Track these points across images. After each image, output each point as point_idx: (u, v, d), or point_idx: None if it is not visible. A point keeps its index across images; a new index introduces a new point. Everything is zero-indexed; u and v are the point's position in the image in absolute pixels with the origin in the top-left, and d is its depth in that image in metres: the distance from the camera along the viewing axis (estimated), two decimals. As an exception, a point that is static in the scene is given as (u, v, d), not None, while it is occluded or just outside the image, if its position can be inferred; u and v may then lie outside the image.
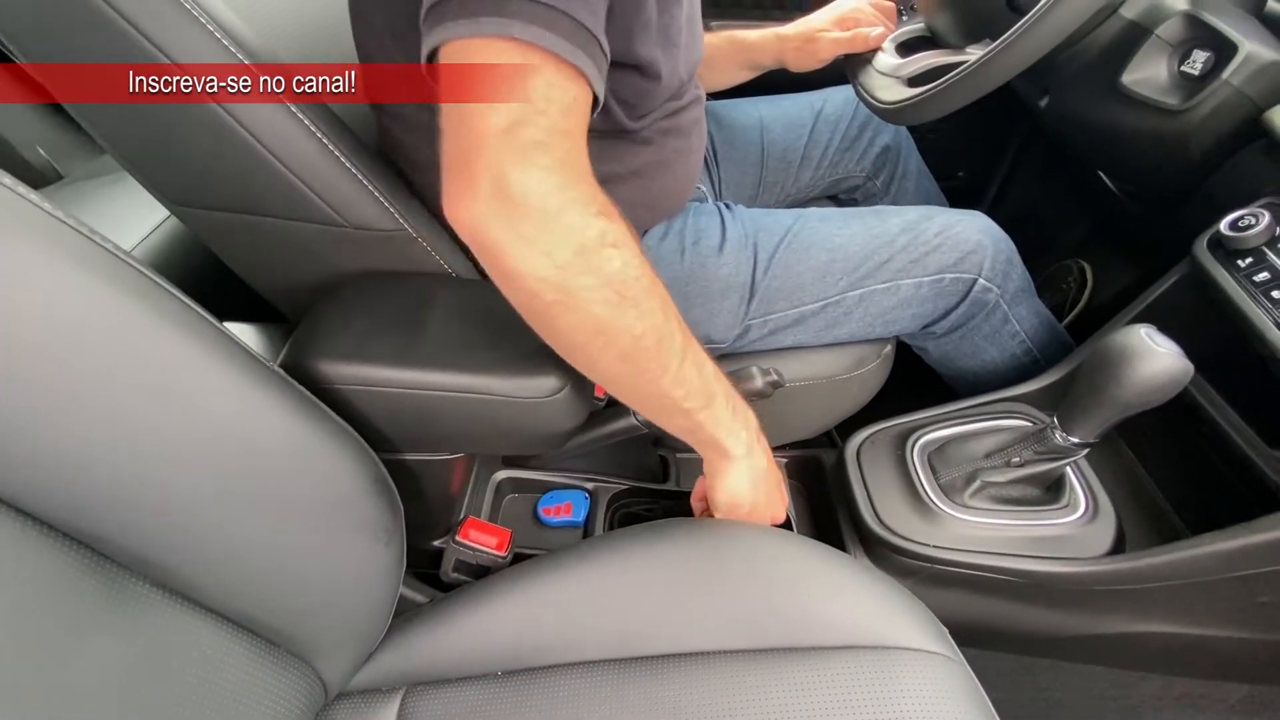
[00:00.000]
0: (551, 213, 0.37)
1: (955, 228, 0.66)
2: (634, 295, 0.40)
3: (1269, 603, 0.58)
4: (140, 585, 0.37)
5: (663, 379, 0.45)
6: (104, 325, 0.33)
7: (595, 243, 0.38)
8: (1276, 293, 0.53)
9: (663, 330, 0.43)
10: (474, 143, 0.37)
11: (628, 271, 0.40)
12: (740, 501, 0.54)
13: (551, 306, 0.40)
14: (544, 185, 0.36)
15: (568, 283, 0.38)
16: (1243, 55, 0.58)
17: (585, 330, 0.41)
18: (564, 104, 0.37)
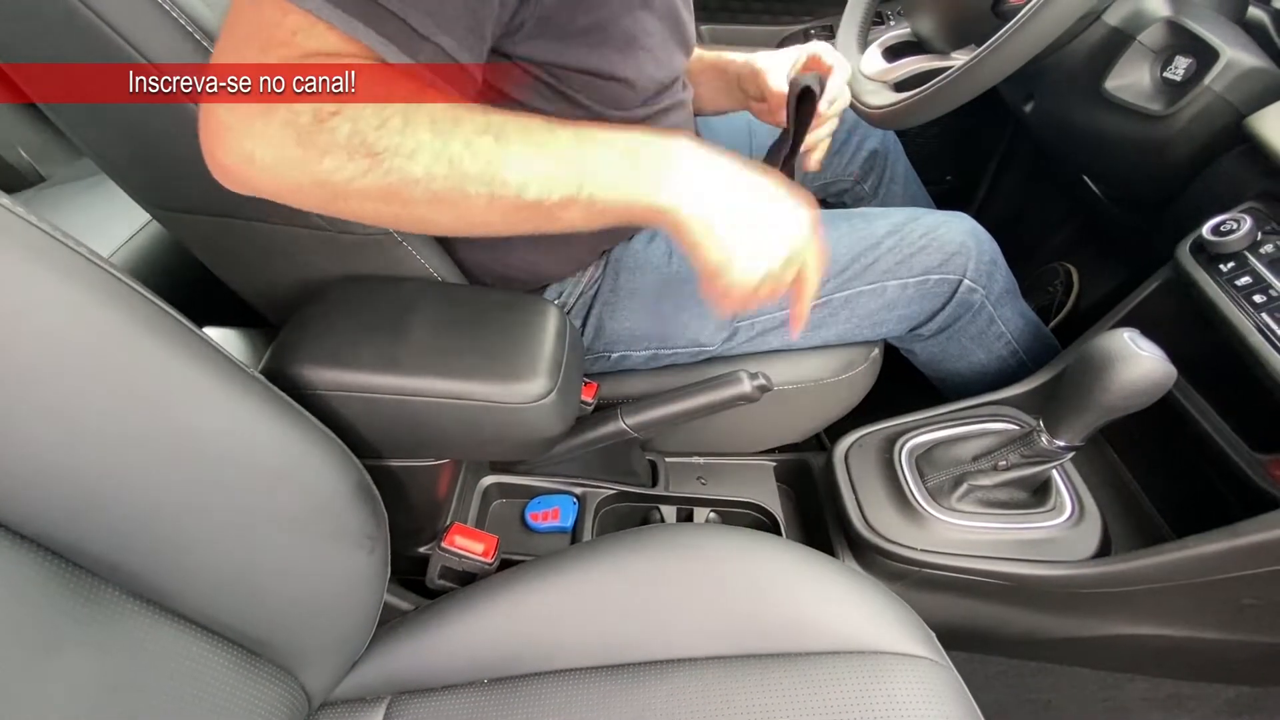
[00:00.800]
0: (255, 119, 0.36)
1: (940, 229, 0.66)
2: (386, 145, 0.37)
3: (1253, 605, 0.59)
4: (116, 595, 0.36)
5: (499, 191, 0.39)
6: (80, 333, 0.33)
7: (311, 122, 0.36)
8: (1258, 297, 0.53)
9: (449, 152, 0.38)
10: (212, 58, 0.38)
11: (365, 126, 0.37)
12: (730, 258, 0.42)
13: (325, 203, 0.39)
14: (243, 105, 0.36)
15: (317, 174, 0.37)
16: (1224, 61, 0.58)
17: (373, 201, 0.39)
18: (294, 26, 0.36)
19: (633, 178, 0.41)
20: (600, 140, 0.41)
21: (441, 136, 0.38)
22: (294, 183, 0.38)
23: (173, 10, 0.43)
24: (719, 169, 0.43)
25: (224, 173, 0.39)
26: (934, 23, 0.68)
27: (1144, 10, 0.62)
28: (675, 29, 0.54)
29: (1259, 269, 0.54)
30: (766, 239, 0.43)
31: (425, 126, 0.38)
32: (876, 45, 0.77)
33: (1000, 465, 0.62)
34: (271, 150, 0.37)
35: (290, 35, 0.36)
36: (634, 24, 0.49)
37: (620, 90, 0.52)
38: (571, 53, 0.48)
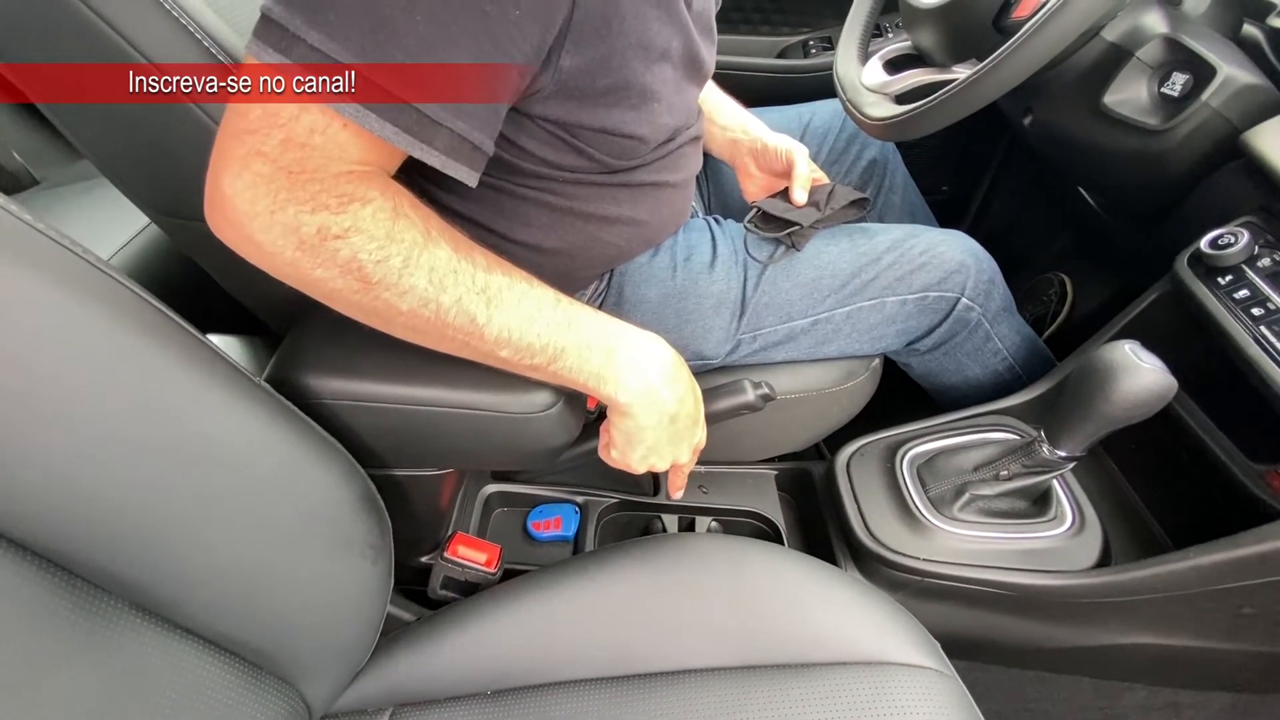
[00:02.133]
0: (260, 215, 0.37)
1: (939, 247, 0.67)
2: (381, 278, 0.39)
3: (1252, 614, 0.59)
4: (117, 606, 0.36)
5: (474, 344, 0.43)
6: (81, 339, 0.32)
7: (315, 238, 0.37)
8: (1256, 310, 0.54)
9: (438, 302, 0.40)
10: (219, 138, 0.38)
11: (365, 257, 0.38)
12: (636, 450, 0.51)
13: (316, 297, 0.41)
14: (254, 191, 0.37)
15: (304, 276, 0.39)
16: (1221, 78, 0.59)
17: (356, 312, 0.42)
18: (312, 125, 0.37)
19: (600, 370, 0.46)
20: (583, 327, 0.46)
21: (435, 287, 0.40)
22: (282, 272, 0.39)
23: (173, 9, 0.43)
24: (673, 384, 0.49)
25: (218, 229, 0.40)
26: (935, 36, 0.69)
27: (1142, 27, 0.63)
28: (691, 69, 0.54)
29: (1256, 282, 0.55)
30: (668, 448, 0.51)
31: (423, 274, 0.40)
32: (878, 57, 0.78)
33: (1002, 475, 0.62)
34: (271, 241, 0.38)
35: (309, 134, 0.37)
36: (652, 79, 0.49)
37: (633, 145, 0.53)
38: (587, 112, 0.48)
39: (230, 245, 0.40)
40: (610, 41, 0.44)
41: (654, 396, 0.48)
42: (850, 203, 0.68)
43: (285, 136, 0.37)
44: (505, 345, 0.43)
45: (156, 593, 0.37)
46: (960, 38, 0.67)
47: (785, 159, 0.71)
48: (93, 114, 0.50)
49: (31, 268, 0.31)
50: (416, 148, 0.39)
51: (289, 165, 0.37)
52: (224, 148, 0.37)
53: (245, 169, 0.37)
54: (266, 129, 0.37)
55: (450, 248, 0.41)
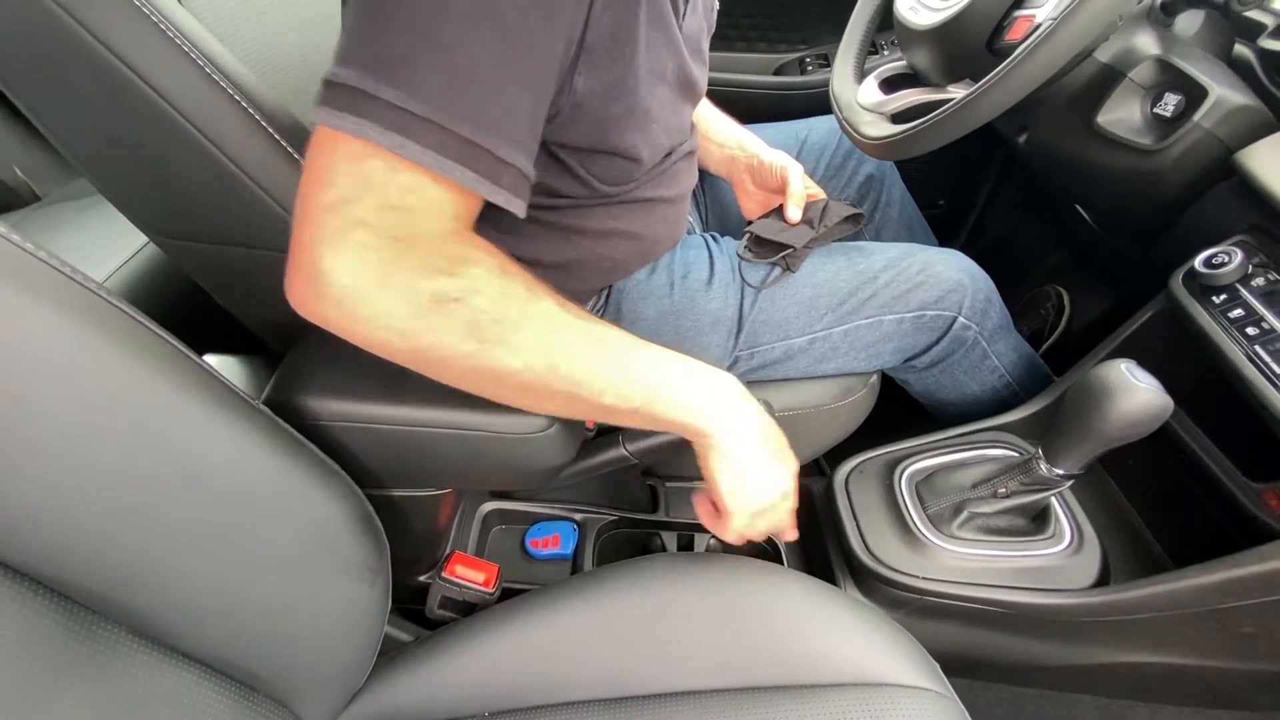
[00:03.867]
0: (370, 288, 0.36)
1: (936, 266, 0.67)
2: (499, 337, 0.39)
3: (1252, 633, 0.59)
4: (113, 631, 0.36)
5: (581, 394, 0.42)
6: (76, 364, 0.32)
7: (431, 303, 0.37)
8: (1250, 329, 0.54)
9: (551, 356, 0.41)
10: (301, 219, 0.37)
11: (482, 318, 0.38)
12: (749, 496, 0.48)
13: (420, 366, 0.40)
14: (360, 263, 0.36)
15: (416, 346, 0.38)
16: (1213, 99, 0.60)
17: (466, 378, 0.41)
18: (405, 184, 0.37)
19: (692, 402, 0.46)
20: (664, 363, 0.46)
21: (545, 341, 0.41)
22: (388, 345, 0.38)
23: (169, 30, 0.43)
24: (749, 400, 0.49)
25: (314, 309, 0.38)
26: (930, 57, 0.70)
27: (1134, 48, 0.64)
28: (685, 90, 0.55)
29: (1250, 301, 0.56)
30: (770, 473, 0.49)
31: (533, 328, 0.40)
32: (874, 76, 0.79)
33: (1000, 492, 0.62)
34: (383, 313, 0.37)
35: (403, 195, 0.36)
36: (653, 100, 0.50)
37: (631, 167, 0.53)
38: (597, 136, 0.49)
39: (329, 324, 0.38)
40: (622, 64, 0.45)
41: (742, 413, 0.48)
42: (845, 219, 0.68)
43: (381, 201, 0.36)
44: (608, 392, 0.43)
45: (152, 617, 0.37)
46: (954, 59, 0.68)
47: (780, 176, 0.72)
48: (90, 135, 0.50)
49: (25, 292, 0.31)
50: (490, 190, 0.39)
51: (391, 231, 0.36)
52: (315, 223, 0.36)
53: (346, 242, 0.36)
54: (359, 196, 0.36)
55: (552, 300, 0.42)
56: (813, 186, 0.74)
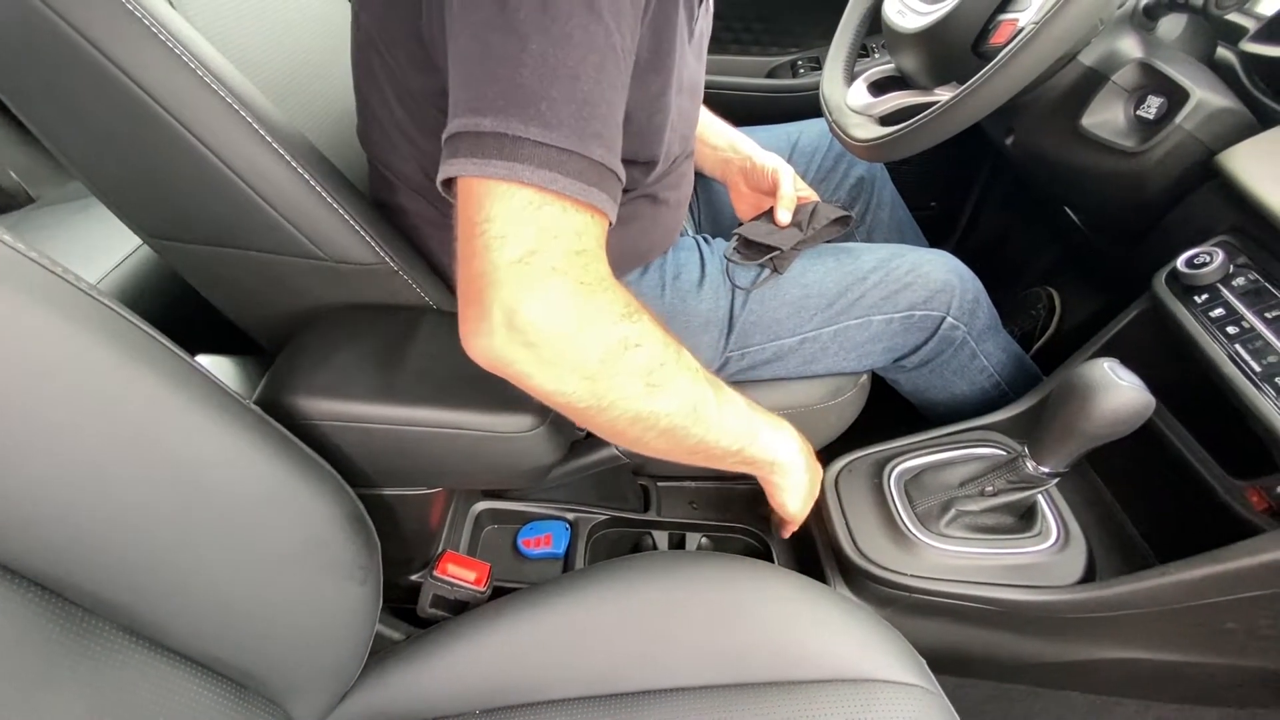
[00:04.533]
0: (571, 334, 0.37)
1: (924, 267, 0.68)
2: (662, 380, 0.41)
3: (1235, 629, 0.60)
4: (105, 629, 0.36)
5: (707, 437, 0.46)
6: (69, 365, 0.33)
7: (619, 347, 0.39)
8: (1231, 328, 0.55)
9: (696, 398, 0.44)
10: (487, 275, 0.36)
11: (653, 362, 0.41)
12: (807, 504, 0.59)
13: (586, 411, 0.41)
14: (560, 310, 0.37)
15: (598, 389, 0.39)
16: (1194, 102, 0.61)
17: (624, 422, 0.42)
18: (577, 228, 0.37)
19: (773, 441, 0.53)
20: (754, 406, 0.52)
21: (691, 386, 0.44)
22: (570, 392, 0.39)
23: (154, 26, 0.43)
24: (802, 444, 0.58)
25: (514, 364, 0.38)
26: (917, 60, 0.71)
27: (1117, 52, 0.65)
28: (693, 94, 0.56)
29: (1231, 301, 0.56)
30: (813, 489, 0.60)
31: (685, 374, 0.44)
32: (862, 79, 0.79)
33: (987, 490, 0.63)
34: (579, 362, 0.38)
35: (579, 237, 0.37)
36: (673, 107, 0.51)
37: (640, 169, 0.54)
38: (633, 145, 0.49)
39: (517, 372, 0.39)
40: (655, 74, 0.46)
41: (799, 449, 0.56)
42: (833, 220, 0.69)
43: (567, 247, 0.37)
44: (725, 437, 0.47)
45: (144, 616, 0.37)
46: (941, 62, 0.68)
47: (772, 178, 0.72)
48: (83, 138, 0.51)
49: (18, 294, 0.31)
50: (614, 210, 0.40)
51: (579, 276, 0.37)
52: (506, 280, 0.36)
53: (545, 291, 0.36)
54: (546, 244, 0.36)
55: (683, 348, 0.44)
56: (804, 189, 0.75)
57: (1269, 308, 0.55)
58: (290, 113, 0.51)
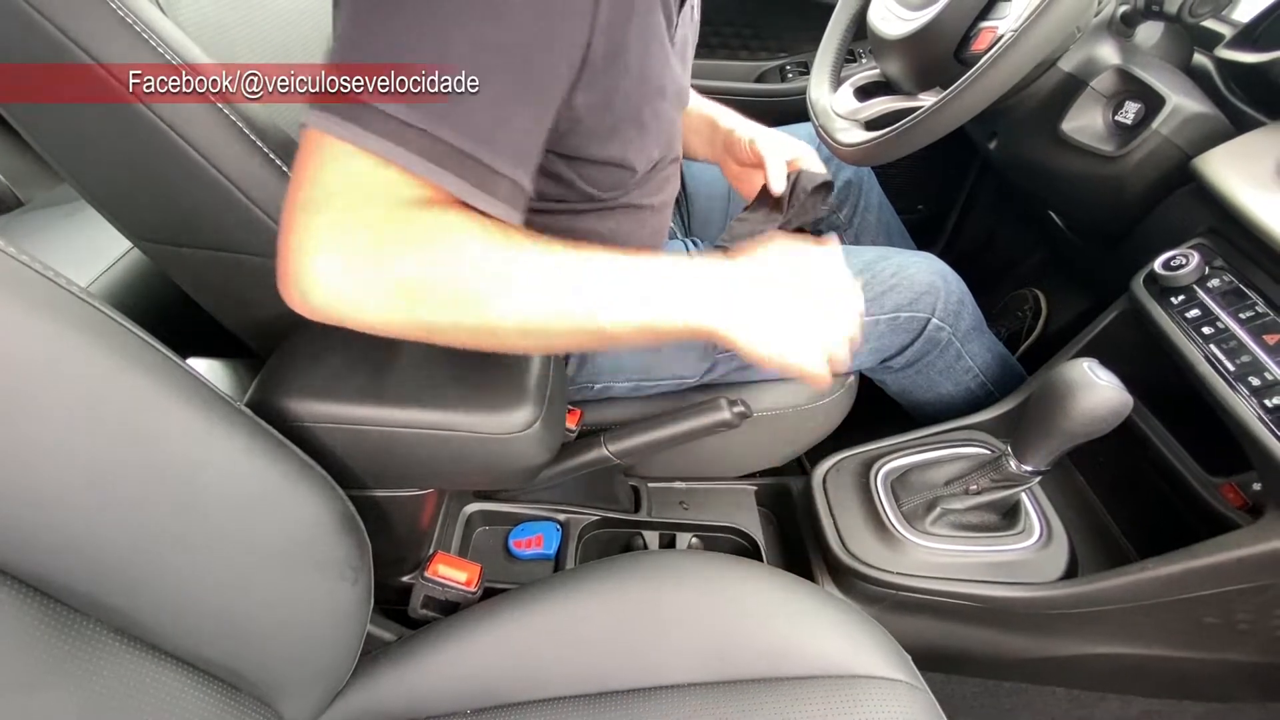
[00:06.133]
0: (360, 269, 0.37)
1: (909, 269, 0.69)
2: (492, 294, 0.39)
3: (1213, 624, 0.61)
4: (96, 630, 0.36)
5: (589, 325, 0.41)
6: (60, 367, 0.33)
7: (416, 275, 0.38)
8: (1206, 329, 0.56)
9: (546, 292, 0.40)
10: (286, 220, 0.38)
11: (465, 279, 0.39)
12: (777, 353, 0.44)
13: (415, 335, 0.40)
14: (348, 253, 0.37)
15: (413, 317, 0.38)
16: (1170, 107, 0.62)
17: (465, 336, 0.41)
18: (390, 179, 0.37)
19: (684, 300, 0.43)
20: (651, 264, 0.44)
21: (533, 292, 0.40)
22: (388, 324, 0.39)
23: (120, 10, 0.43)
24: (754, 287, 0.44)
25: (315, 314, 0.39)
26: (901, 66, 0.72)
27: (1096, 58, 0.66)
28: (676, 99, 0.56)
29: (1207, 302, 0.58)
30: (810, 322, 0.44)
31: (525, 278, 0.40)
32: (849, 85, 0.81)
33: (971, 489, 0.64)
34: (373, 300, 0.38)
35: (386, 188, 0.37)
36: (648, 112, 0.51)
37: (624, 175, 0.54)
38: (594, 146, 0.50)
39: (327, 317, 0.39)
40: (617, 77, 0.46)
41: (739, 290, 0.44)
42: (814, 190, 0.64)
43: (365, 196, 0.37)
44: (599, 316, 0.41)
45: (135, 617, 0.38)
46: (924, 67, 0.70)
47: (750, 150, 0.69)
48: (73, 142, 0.51)
49: (8, 296, 0.31)
50: (485, 201, 0.40)
51: (372, 221, 0.37)
52: (300, 222, 0.37)
53: (332, 237, 0.37)
54: (344, 191, 0.37)
55: (530, 241, 0.41)
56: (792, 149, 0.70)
57: (1243, 309, 0.56)
58: (281, 116, 0.51)
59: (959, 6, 0.63)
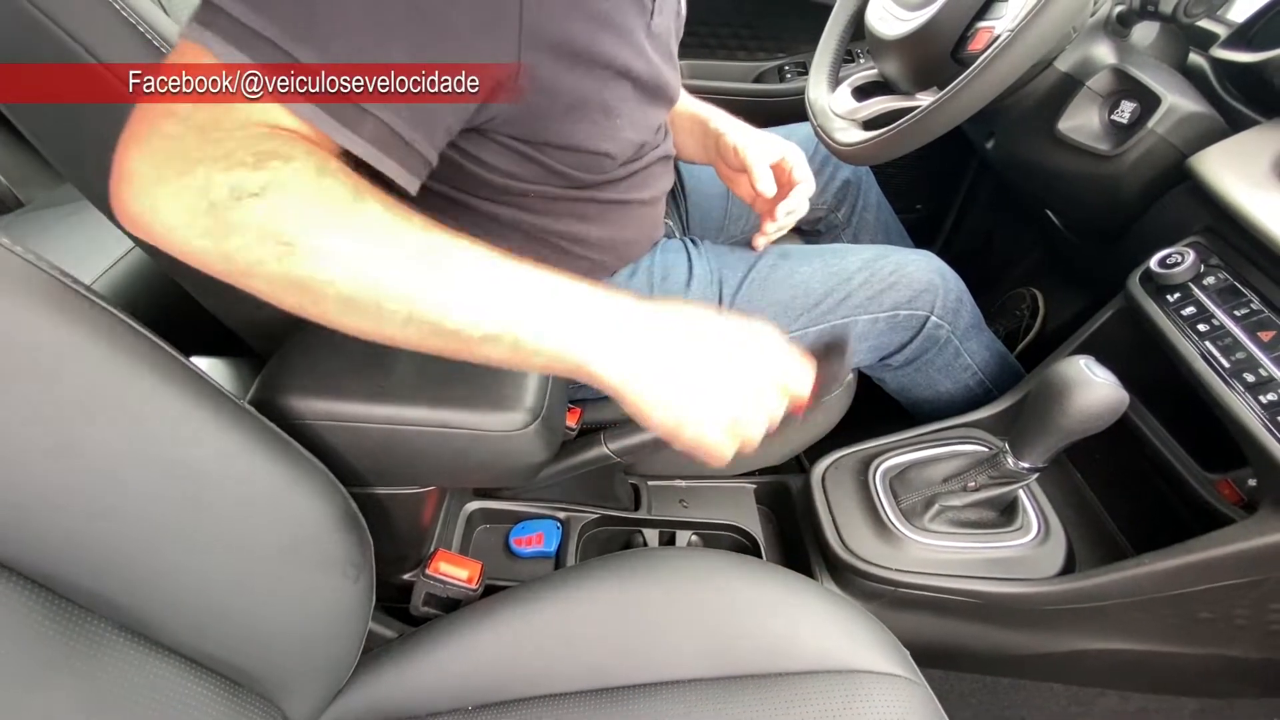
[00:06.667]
0: (170, 180, 0.33)
1: (908, 267, 0.69)
2: (304, 241, 0.34)
3: (1209, 619, 0.61)
4: (100, 626, 0.37)
5: (417, 314, 0.35)
6: (64, 364, 0.33)
7: (228, 198, 0.33)
8: (1202, 326, 0.57)
9: (375, 267, 0.35)
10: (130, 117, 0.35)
11: (282, 216, 0.34)
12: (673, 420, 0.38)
13: (229, 275, 0.35)
14: (162, 154, 0.34)
15: (224, 249, 0.34)
16: (1166, 106, 0.63)
17: (279, 290, 0.35)
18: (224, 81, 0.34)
19: (560, 328, 0.37)
20: (547, 290, 0.38)
21: (366, 249, 0.35)
22: (195, 251, 0.35)
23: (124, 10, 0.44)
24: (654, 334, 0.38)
25: (129, 220, 0.35)
26: (898, 66, 0.72)
27: (1092, 58, 0.67)
28: (655, 92, 0.55)
29: (1202, 300, 0.58)
30: (726, 394, 0.38)
31: (350, 235, 0.35)
32: (847, 85, 0.81)
33: (969, 486, 0.64)
34: (180, 215, 0.34)
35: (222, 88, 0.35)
36: (610, 95, 0.50)
37: (600, 160, 0.54)
38: (552, 129, 0.50)
39: (142, 234, 0.35)
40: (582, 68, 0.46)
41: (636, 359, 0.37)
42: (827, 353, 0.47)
43: (198, 93, 0.34)
44: (453, 313, 0.35)
45: (139, 613, 0.38)
46: (922, 68, 0.70)
47: (736, 157, 0.68)
48: (76, 141, 0.51)
49: (13, 294, 0.31)
50: (337, 130, 0.37)
51: (201, 123, 0.34)
52: (132, 119, 0.35)
53: (152, 133, 0.34)
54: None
55: (381, 207, 0.36)
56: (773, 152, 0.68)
57: (1238, 306, 0.56)
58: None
59: (956, 7, 0.64)
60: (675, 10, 0.58)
